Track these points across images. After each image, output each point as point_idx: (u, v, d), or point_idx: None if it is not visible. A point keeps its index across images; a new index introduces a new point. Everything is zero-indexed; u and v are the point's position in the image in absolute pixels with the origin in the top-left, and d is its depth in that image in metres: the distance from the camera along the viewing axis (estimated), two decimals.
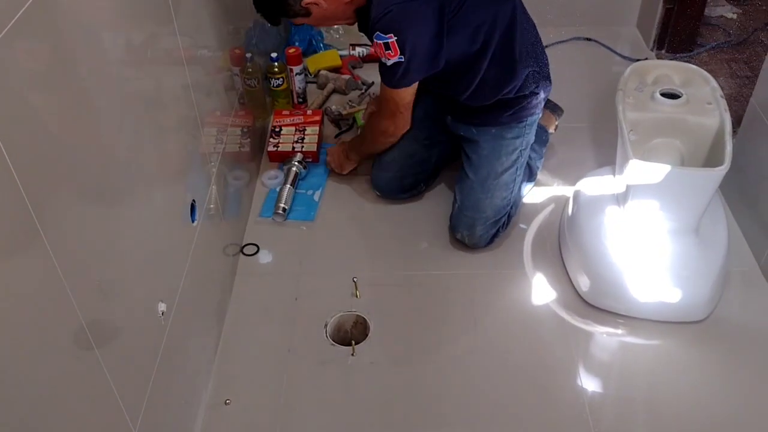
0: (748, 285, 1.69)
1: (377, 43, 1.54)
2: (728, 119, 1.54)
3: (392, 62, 1.56)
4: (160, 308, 1.19)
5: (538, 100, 1.75)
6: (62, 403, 0.88)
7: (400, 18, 1.51)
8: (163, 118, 1.29)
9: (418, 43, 1.54)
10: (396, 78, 1.60)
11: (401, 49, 1.53)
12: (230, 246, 1.73)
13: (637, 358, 1.57)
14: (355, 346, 1.57)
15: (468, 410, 1.45)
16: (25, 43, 0.78)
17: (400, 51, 1.53)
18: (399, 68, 1.57)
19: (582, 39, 2.65)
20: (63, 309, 0.86)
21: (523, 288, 1.70)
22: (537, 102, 1.75)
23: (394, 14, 1.50)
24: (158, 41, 1.26)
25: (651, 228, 1.57)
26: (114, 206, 1.04)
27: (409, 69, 1.58)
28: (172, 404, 1.29)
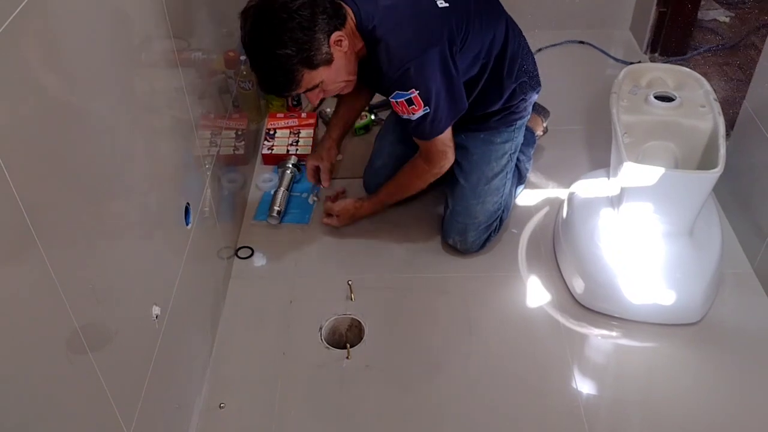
0: (741, 287, 1.69)
1: (399, 102, 1.49)
2: (722, 122, 1.54)
3: (418, 116, 1.51)
4: (154, 312, 1.19)
5: (526, 104, 1.76)
6: (56, 407, 0.87)
7: (418, 72, 1.46)
8: (157, 121, 1.29)
9: (440, 90, 1.49)
10: (428, 130, 1.55)
11: (425, 101, 1.48)
12: (225, 249, 1.72)
13: (632, 360, 1.57)
14: (350, 350, 1.56)
15: (463, 413, 1.45)
16: (17, 46, 0.78)
17: (424, 103, 1.49)
18: (427, 120, 1.52)
19: (576, 42, 2.66)
20: (57, 313, 0.86)
21: (517, 290, 1.71)
22: (525, 105, 1.76)
23: (413, 71, 1.45)
24: (152, 44, 1.26)
25: (645, 230, 1.58)
26: (108, 209, 1.04)
27: (438, 117, 1.53)
28: (166, 408, 1.28)
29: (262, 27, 1.38)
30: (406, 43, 1.46)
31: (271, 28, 1.37)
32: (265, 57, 1.40)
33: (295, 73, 1.42)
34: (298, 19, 1.36)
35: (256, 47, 1.41)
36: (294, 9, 1.36)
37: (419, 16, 1.49)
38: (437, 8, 1.49)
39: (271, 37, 1.38)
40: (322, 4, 1.40)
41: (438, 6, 1.50)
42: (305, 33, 1.38)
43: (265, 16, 1.38)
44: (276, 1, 1.38)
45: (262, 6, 1.39)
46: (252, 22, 1.39)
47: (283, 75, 1.42)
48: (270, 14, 1.37)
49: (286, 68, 1.41)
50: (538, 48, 2.56)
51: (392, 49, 1.46)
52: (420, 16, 1.49)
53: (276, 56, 1.38)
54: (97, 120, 1.00)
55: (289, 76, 1.42)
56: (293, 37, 1.37)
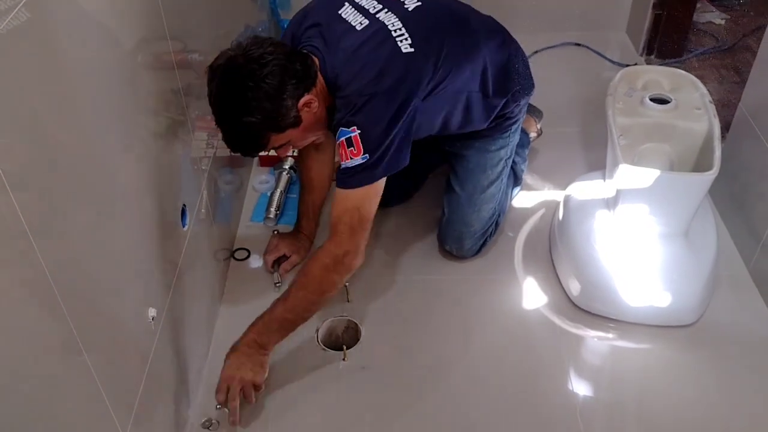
0: (737, 289, 1.70)
1: (340, 142, 1.36)
2: (717, 124, 1.55)
3: (355, 163, 1.35)
4: (150, 313, 1.19)
5: (519, 108, 1.73)
6: (51, 409, 0.87)
7: (366, 112, 1.35)
8: (154, 123, 1.29)
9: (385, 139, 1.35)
10: (358, 178, 1.36)
11: (365, 146, 1.34)
12: (221, 251, 1.72)
13: (628, 362, 1.57)
14: (346, 351, 1.56)
15: (460, 415, 1.45)
16: (13, 47, 0.78)
17: (364, 149, 1.35)
18: (362, 168, 1.36)
19: (572, 44, 2.66)
20: (52, 314, 0.86)
21: (514, 292, 1.71)
22: (519, 110, 1.74)
23: (359, 108, 1.35)
24: (148, 45, 1.26)
25: (641, 232, 1.58)
26: (104, 211, 1.04)
27: (375, 166, 1.36)
28: (162, 410, 1.28)
29: (228, 91, 1.30)
30: (359, 88, 1.37)
31: (238, 95, 1.29)
32: (231, 122, 1.33)
33: (261, 138, 1.36)
34: (265, 88, 1.29)
35: (222, 110, 1.34)
36: (261, 77, 1.28)
37: (380, 63, 1.37)
38: (400, 53, 1.38)
39: (237, 103, 1.30)
40: (292, 68, 1.32)
41: (402, 51, 1.38)
42: (272, 102, 1.30)
43: (232, 80, 1.29)
44: (244, 67, 1.29)
45: (230, 69, 1.30)
46: (218, 84, 1.31)
47: (249, 139, 1.37)
48: (237, 80, 1.29)
49: (252, 133, 1.35)
50: (534, 50, 2.57)
51: (349, 93, 1.37)
52: (380, 62, 1.37)
53: (242, 122, 1.31)
54: (92, 121, 1.00)
55: (255, 140, 1.37)
56: (259, 106, 1.30)
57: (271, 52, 1.30)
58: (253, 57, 1.29)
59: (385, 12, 1.44)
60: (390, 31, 1.41)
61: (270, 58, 1.30)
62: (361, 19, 1.44)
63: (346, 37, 1.42)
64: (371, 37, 1.41)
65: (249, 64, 1.29)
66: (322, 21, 1.45)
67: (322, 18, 1.46)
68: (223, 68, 1.30)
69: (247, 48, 1.31)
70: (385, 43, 1.40)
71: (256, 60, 1.29)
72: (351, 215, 1.38)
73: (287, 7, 2.57)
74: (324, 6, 1.50)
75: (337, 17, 1.45)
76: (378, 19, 1.43)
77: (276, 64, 1.30)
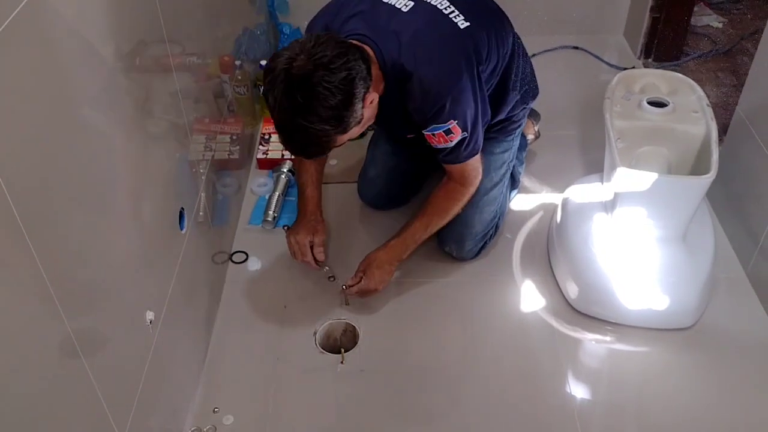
0: (734, 292, 1.70)
1: (437, 134, 1.45)
2: (714, 127, 1.55)
3: (455, 143, 1.47)
4: (148, 317, 1.19)
5: (524, 112, 1.76)
6: (48, 412, 0.87)
7: (455, 103, 1.41)
8: (152, 126, 1.29)
9: (474, 113, 1.47)
10: (463, 154, 1.51)
11: (463, 128, 1.45)
12: (219, 254, 1.72)
13: (626, 364, 1.57)
14: (344, 354, 1.56)
15: (457, 418, 1.45)
16: (11, 50, 0.78)
17: (462, 129, 1.45)
18: (462, 144, 1.48)
19: (570, 47, 2.66)
20: (50, 317, 0.86)
21: (512, 295, 1.71)
22: (523, 114, 1.77)
23: (449, 104, 1.41)
24: (147, 48, 1.26)
25: (639, 235, 1.58)
26: (102, 214, 1.04)
27: (473, 139, 1.49)
28: (159, 412, 1.28)
29: (297, 99, 1.23)
30: (439, 75, 1.40)
31: (308, 103, 1.23)
32: (299, 129, 1.27)
33: (330, 142, 1.33)
34: (339, 96, 1.24)
35: (289, 118, 1.26)
36: (333, 84, 1.23)
37: (445, 43, 1.42)
38: (459, 29, 1.43)
39: (308, 111, 1.24)
40: (359, 68, 1.28)
41: (460, 27, 1.43)
42: (345, 108, 1.26)
43: (300, 87, 1.22)
44: (313, 74, 1.22)
45: (298, 76, 1.23)
46: (285, 91, 1.23)
47: (317, 145, 1.32)
48: (307, 87, 1.22)
49: (321, 140, 1.30)
50: (532, 53, 2.55)
51: (426, 83, 1.39)
52: (445, 41, 1.42)
53: (312, 131, 1.26)
54: (91, 124, 1.00)
55: (323, 146, 1.33)
56: (333, 114, 1.25)
57: (339, 55, 1.25)
58: (321, 62, 1.23)
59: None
60: (440, 10, 1.44)
61: (339, 63, 1.24)
62: (406, 1, 1.44)
63: (394, 21, 1.41)
64: (425, 18, 1.42)
65: (318, 69, 1.23)
66: (363, 8, 1.44)
67: (363, 6, 1.45)
68: (289, 74, 1.23)
69: (312, 51, 1.24)
70: (442, 22, 1.43)
71: (326, 66, 1.23)
72: (469, 172, 1.58)
73: (285, 10, 2.57)
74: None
75: (379, 2, 1.45)
76: (422, 0, 1.45)
77: (346, 68, 1.25)
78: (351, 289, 1.62)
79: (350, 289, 1.62)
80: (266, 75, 1.27)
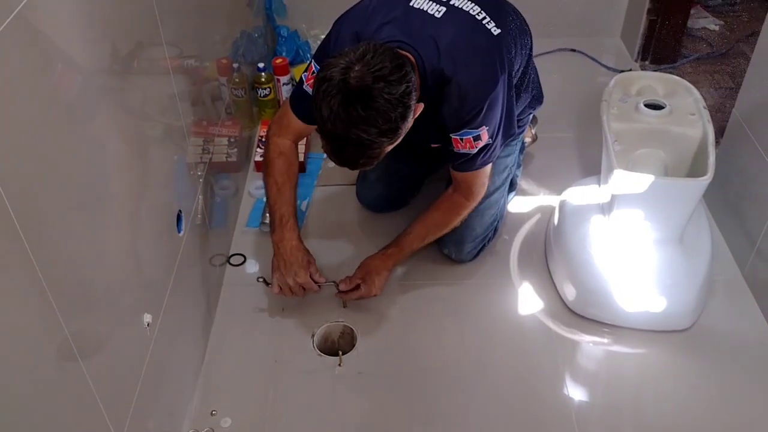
0: (731, 294, 1.70)
1: (465, 139, 1.45)
2: (711, 130, 1.56)
3: (478, 149, 1.47)
4: (146, 319, 1.19)
5: (529, 117, 1.78)
6: (46, 415, 0.87)
7: (489, 109, 1.42)
8: (150, 128, 1.29)
9: (502, 120, 1.48)
10: (479, 161, 1.51)
11: (491, 135, 1.46)
12: (217, 256, 1.72)
13: (623, 366, 1.58)
14: (342, 357, 1.56)
15: (455, 420, 1.45)
16: (8, 53, 0.78)
17: (489, 136, 1.45)
18: (485, 150, 1.49)
19: (567, 50, 2.67)
20: (47, 320, 0.86)
21: (509, 297, 1.71)
22: (527, 119, 1.78)
23: (485, 109, 1.41)
24: (144, 51, 1.26)
25: (636, 237, 1.59)
26: (99, 216, 1.04)
27: (494, 146, 1.50)
28: (157, 415, 1.27)
29: (356, 111, 1.19)
30: (478, 81, 1.40)
31: (368, 115, 1.20)
32: (355, 142, 1.23)
33: (382, 153, 1.30)
34: (400, 110, 1.22)
35: (345, 129, 1.22)
36: (394, 97, 1.21)
37: (482, 49, 1.42)
38: (493, 36, 1.44)
39: (368, 124, 1.21)
40: (413, 78, 1.26)
41: (493, 34, 1.44)
42: (404, 121, 1.25)
43: (361, 99, 1.20)
44: (373, 87, 1.20)
45: (356, 86, 1.19)
46: (342, 102, 1.20)
47: (368, 157, 1.28)
48: (367, 99, 1.20)
49: (374, 152, 1.27)
50: None
51: (465, 88, 1.39)
52: (482, 48, 1.43)
53: (367, 143, 1.23)
54: (88, 127, 1.00)
55: (374, 157, 1.30)
56: (392, 127, 1.23)
57: (397, 68, 1.23)
58: (381, 75, 1.21)
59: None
60: (473, 16, 1.44)
61: (398, 75, 1.23)
62: (437, 7, 1.44)
63: (429, 27, 1.41)
64: (461, 25, 1.43)
65: (377, 82, 1.20)
66: (397, 15, 1.43)
67: (395, 13, 1.43)
68: (347, 85, 1.20)
69: (371, 62, 1.21)
70: (477, 29, 1.43)
71: (385, 78, 1.21)
72: (477, 185, 1.58)
73: (283, 13, 2.58)
74: (388, 2, 1.47)
75: (411, 9, 1.44)
76: (454, 6, 1.44)
77: (405, 81, 1.23)
78: (350, 295, 1.62)
79: (349, 295, 1.62)
80: (320, 83, 1.23)
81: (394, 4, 1.45)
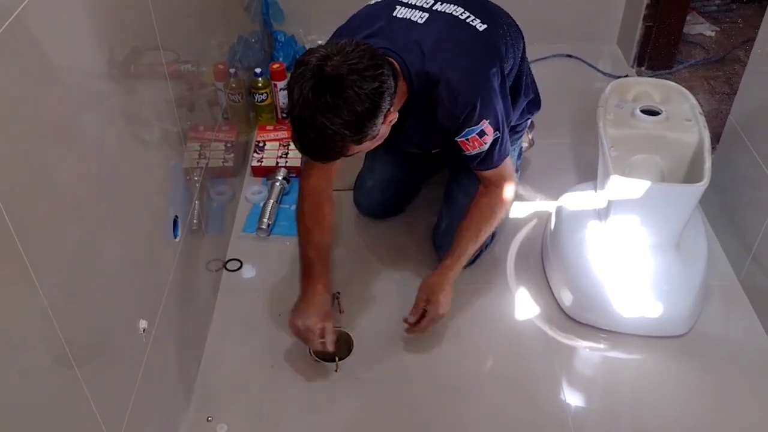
0: (728, 299, 1.71)
1: (471, 138, 1.43)
2: (707, 135, 1.56)
3: (489, 144, 1.45)
4: (142, 325, 1.18)
5: (526, 122, 1.78)
6: (41, 422, 0.87)
7: (485, 102, 1.41)
8: (146, 134, 1.29)
9: (502, 109, 1.46)
10: (497, 155, 1.48)
11: (495, 126, 1.43)
12: (213, 261, 1.72)
13: (620, 372, 1.58)
14: (338, 362, 1.56)
15: (452, 426, 1.45)
16: (4, 58, 0.78)
17: (494, 128, 1.43)
18: (497, 144, 1.46)
19: (563, 56, 2.68)
20: (42, 327, 0.85)
21: (506, 303, 1.71)
22: (525, 124, 1.78)
23: (480, 104, 1.40)
24: (141, 56, 1.26)
25: (632, 243, 1.59)
26: (95, 222, 1.03)
27: (504, 137, 1.48)
28: (153, 422, 1.27)
29: (324, 98, 1.20)
30: (466, 78, 1.39)
31: (334, 105, 1.20)
32: (318, 129, 1.22)
33: (343, 149, 1.29)
34: (367, 105, 1.22)
35: (311, 115, 1.22)
36: (364, 93, 1.21)
37: (467, 45, 1.43)
38: (478, 31, 1.44)
39: (332, 113, 1.21)
40: (389, 81, 1.26)
41: (478, 29, 1.45)
42: (369, 119, 1.24)
43: (330, 88, 1.20)
44: (346, 77, 1.20)
45: (331, 76, 1.20)
46: (313, 87, 1.20)
47: (329, 149, 1.28)
48: (337, 89, 1.20)
49: (336, 144, 1.26)
50: None
51: (454, 87, 1.38)
52: (467, 44, 1.43)
53: (330, 133, 1.22)
54: (85, 132, 1.00)
55: (335, 150, 1.29)
56: (355, 122, 1.22)
57: (374, 66, 1.23)
58: (356, 68, 1.21)
59: (440, 4, 1.47)
60: (456, 16, 1.45)
61: (373, 73, 1.23)
62: (420, 13, 1.45)
63: (412, 32, 1.41)
64: (444, 26, 1.43)
65: (351, 74, 1.20)
66: (381, 25, 1.44)
67: (379, 24, 1.45)
68: (322, 71, 1.20)
69: (350, 55, 1.22)
70: (460, 27, 1.44)
71: (360, 72, 1.21)
72: (506, 176, 1.55)
73: (280, 19, 2.58)
74: (373, 14, 1.48)
75: (394, 19, 1.45)
76: (437, 10, 1.46)
77: (379, 80, 1.23)
78: (419, 325, 1.54)
79: (419, 327, 1.54)
80: (297, 67, 1.24)
81: (378, 16, 1.47)
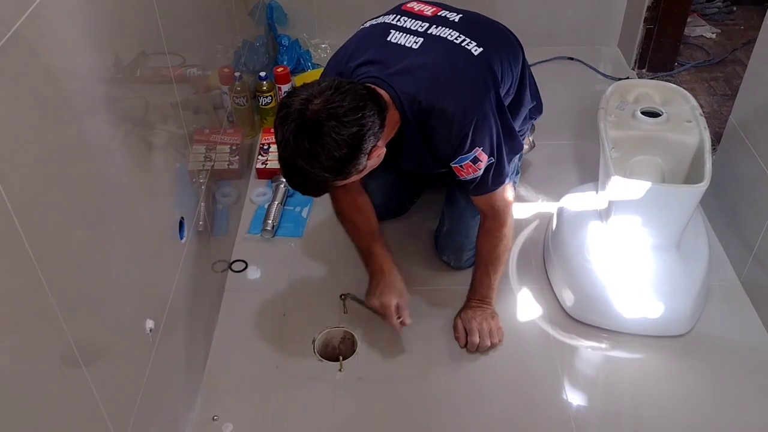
0: (729, 299, 1.72)
1: (464, 165, 1.42)
2: (708, 137, 1.57)
3: (483, 170, 1.44)
4: (148, 325, 1.20)
5: (527, 127, 1.79)
6: (48, 421, 0.88)
7: (477, 130, 1.39)
8: (152, 136, 1.30)
9: (499, 136, 1.45)
10: (491, 182, 1.47)
11: (489, 153, 1.42)
12: (218, 263, 1.73)
13: (621, 372, 1.58)
14: (342, 362, 1.57)
15: (455, 425, 1.46)
16: (13, 61, 0.79)
17: (488, 155, 1.42)
18: (491, 170, 1.45)
19: (565, 58, 2.69)
20: (50, 327, 0.87)
21: (508, 303, 1.72)
22: (527, 128, 1.79)
23: (473, 131, 1.38)
24: (147, 60, 1.27)
25: (633, 243, 1.60)
26: (102, 224, 1.05)
27: (500, 164, 1.46)
28: (159, 421, 1.28)
29: (303, 143, 1.21)
30: (459, 105, 1.38)
31: (313, 150, 1.21)
32: (300, 173, 1.26)
33: (328, 187, 1.33)
34: (345, 150, 1.22)
35: (293, 159, 1.24)
36: (344, 137, 1.21)
37: (460, 71, 1.42)
38: (473, 56, 1.43)
39: (312, 157, 1.22)
40: (371, 121, 1.25)
41: (473, 54, 1.43)
42: (349, 161, 1.25)
43: (308, 133, 1.20)
44: (324, 123, 1.20)
45: (308, 122, 1.20)
46: (294, 133, 1.21)
47: (314, 188, 1.32)
48: (315, 135, 1.20)
49: (319, 184, 1.30)
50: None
51: (448, 115, 1.38)
52: (460, 70, 1.42)
53: (312, 175, 1.25)
54: (91, 135, 1.02)
55: (321, 188, 1.33)
56: (335, 166, 1.24)
57: (354, 109, 1.22)
58: (335, 113, 1.21)
59: (435, 27, 1.46)
60: (451, 41, 1.44)
61: (353, 117, 1.22)
62: (414, 38, 1.44)
63: (406, 59, 1.40)
64: (438, 51, 1.42)
65: (330, 120, 1.20)
66: (374, 52, 1.43)
67: (372, 50, 1.44)
68: (303, 116, 1.21)
69: (330, 98, 1.22)
70: (454, 51, 1.43)
71: (338, 117, 1.21)
72: (500, 204, 1.53)
73: (284, 23, 2.60)
74: (367, 40, 1.48)
75: (388, 44, 1.44)
76: (432, 34, 1.45)
77: (358, 124, 1.22)
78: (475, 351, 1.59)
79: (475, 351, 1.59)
80: (280, 109, 1.25)
81: (372, 41, 1.47)
